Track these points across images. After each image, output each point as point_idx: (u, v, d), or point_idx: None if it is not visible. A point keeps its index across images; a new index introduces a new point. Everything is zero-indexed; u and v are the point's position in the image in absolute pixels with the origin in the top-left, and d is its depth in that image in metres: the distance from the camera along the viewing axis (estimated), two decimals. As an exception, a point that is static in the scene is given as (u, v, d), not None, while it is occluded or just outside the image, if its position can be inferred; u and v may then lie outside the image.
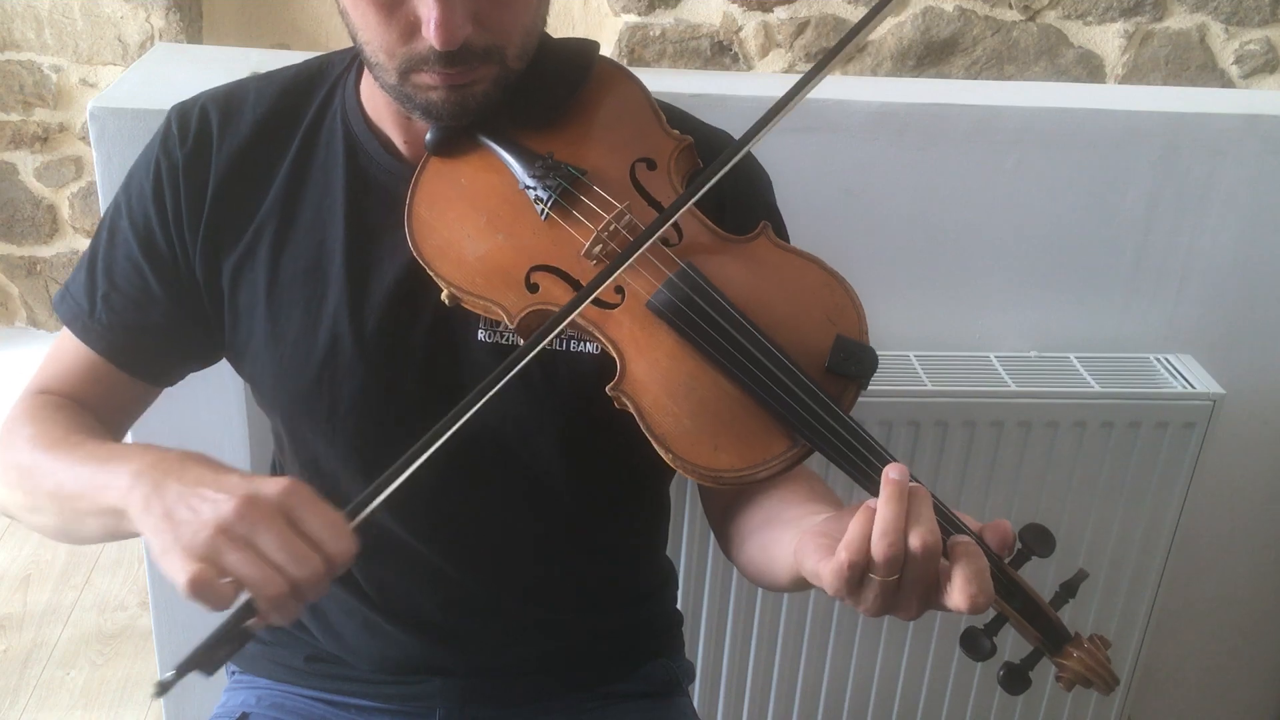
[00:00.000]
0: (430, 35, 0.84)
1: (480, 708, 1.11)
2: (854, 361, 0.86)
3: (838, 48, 0.86)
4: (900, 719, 1.74)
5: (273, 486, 0.78)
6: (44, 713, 2.08)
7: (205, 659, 0.78)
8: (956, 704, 1.73)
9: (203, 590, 0.75)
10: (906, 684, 1.70)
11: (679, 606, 1.27)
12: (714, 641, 1.63)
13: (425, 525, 1.03)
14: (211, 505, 0.77)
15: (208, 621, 1.62)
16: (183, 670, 0.77)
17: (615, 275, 0.86)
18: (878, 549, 0.75)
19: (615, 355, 0.88)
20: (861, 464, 0.83)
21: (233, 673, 1.20)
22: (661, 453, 0.85)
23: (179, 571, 0.76)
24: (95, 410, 1.06)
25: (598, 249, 0.90)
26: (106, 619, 2.31)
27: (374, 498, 0.81)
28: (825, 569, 0.78)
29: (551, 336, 0.85)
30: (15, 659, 2.20)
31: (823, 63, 0.86)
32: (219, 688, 1.20)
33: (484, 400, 0.83)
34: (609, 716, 1.14)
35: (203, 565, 0.75)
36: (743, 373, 0.85)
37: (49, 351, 1.09)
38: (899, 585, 0.77)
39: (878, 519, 0.76)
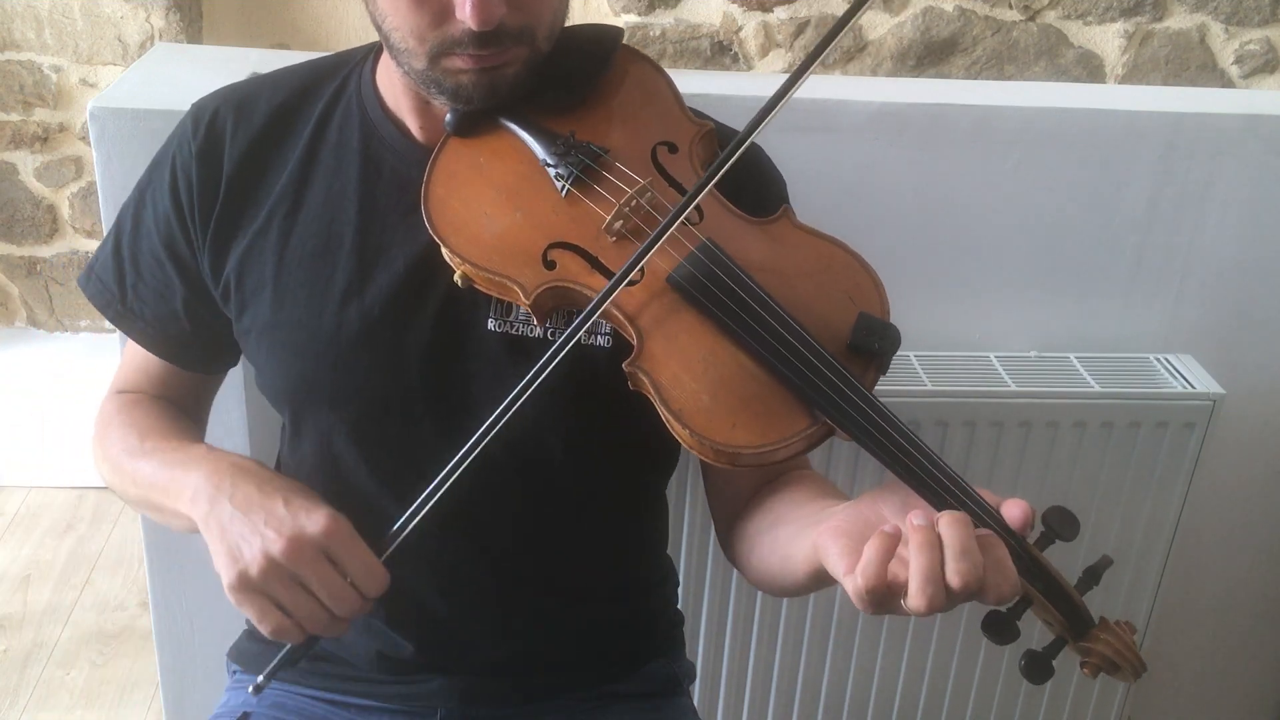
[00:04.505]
0: (466, 16, 0.84)
1: (480, 707, 1.11)
2: (876, 338, 0.85)
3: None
4: (901, 718, 1.74)
5: (316, 525, 0.86)
6: (44, 713, 2.08)
7: (287, 663, 0.92)
8: (957, 703, 1.73)
9: (275, 631, 0.87)
10: (907, 683, 1.70)
11: (679, 606, 1.27)
12: (714, 641, 1.63)
13: (427, 512, 1.03)
14: (262, 540, 0.86)
15: (207, 622, 1.62)
16: (270, 675, 0.91)
17: (646, 257, 0.85)
18: (918, 600, 0.74)
19: (632, 332, 0.87)
20: (885, 440, 0.82)
21: (234, 672, 1.20)
22: (678, 430, 0.84)
23: (240, 602, 0.87)
24: (173, 400, 1.14)
25: (619, 225, 0.90)
26: (106, 619, 2.31)
27: (407, 525, 0.89)
28: (849, 585, 0.78)
29: (584, 326, 0.85)
30: (15, 659, 2.20)
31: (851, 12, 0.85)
32: (220, 687, 1.20)
33: (516, 404, 0.87)
34: (609, 716, 1.14)
35: (265, 603, 0.86)
36: (764, 348, 0.84)
37: (124, 353, 1.16)
38: None
39: (914, 568, 0.74)
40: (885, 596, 0.77)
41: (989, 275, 1.60)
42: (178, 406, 1.14)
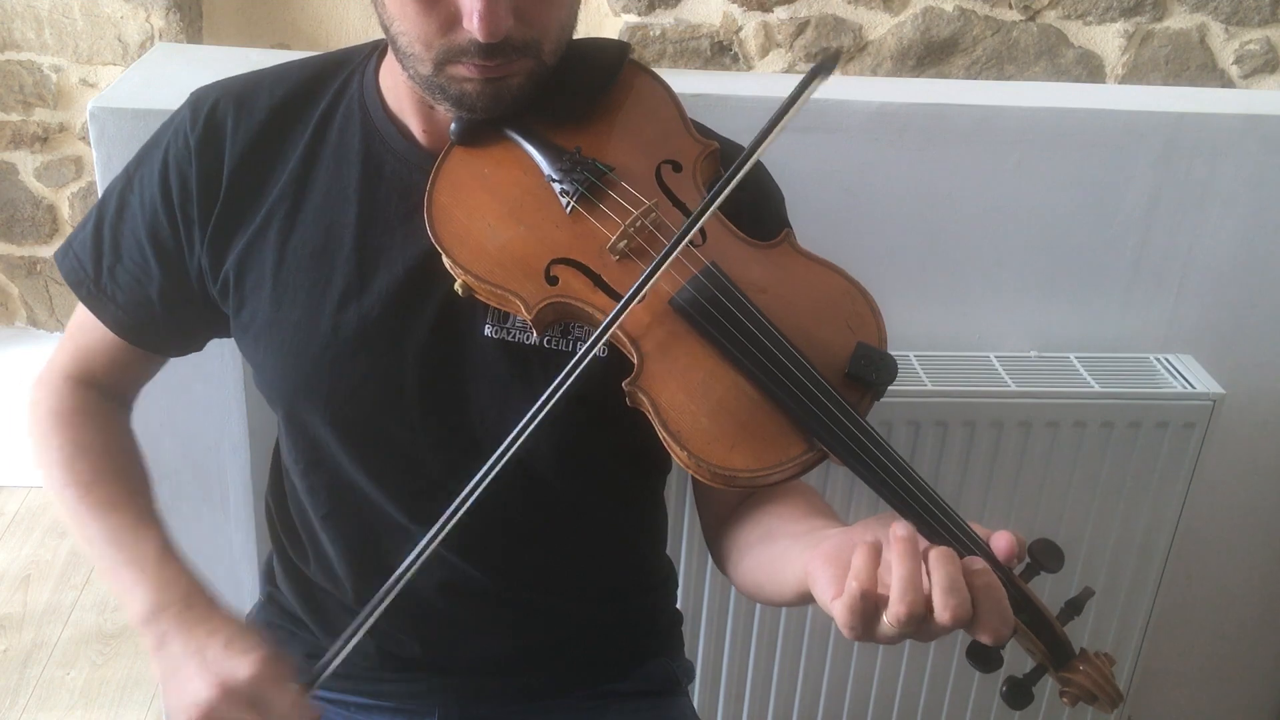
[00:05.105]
0: (473, 27, 0.84)
1: (480, 706, 1.11)
2: (874, 368, 0.86)
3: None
4: (900, 719, 1.74)
5: (245, 670, 0.91)
6: (44, 713, 2.08)
7: None
8: (956, 703, 1.73)
9: None
10: (906, 684, 1.70)
11: (679, 606, 1.27)
12: (714, 641, 1.63)
13: (424, 512, 1.03)
14: (195, 687, 0.91)
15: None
16: None
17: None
18: (898, 610, 0.74)
19: (633, 351, 0.88)
20: (878, 468, 0.83)
21: (233, 672, 1.20)
22: (676, 451, 0.85)
23: None
24: (111, 385, 1.13)
25: (623, 244, 0.90)
26: (106, 619, 2.31)
27: (339, 654, 0.92)
28: (837, 607, 0.78)
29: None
30: (15, 659, 2.20)
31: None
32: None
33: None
34: (609, 716, 1.14)
35: None
36: (762, 373, 0.85)
37: (69, 326, 1.13)
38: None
39: (896, 578, 0.75)
40: (873, 609, 0.77)
41: (989, 275, 1.60)
42: (116, 395, 1.14)
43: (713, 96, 1.41)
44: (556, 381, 0.85)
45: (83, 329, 1.11)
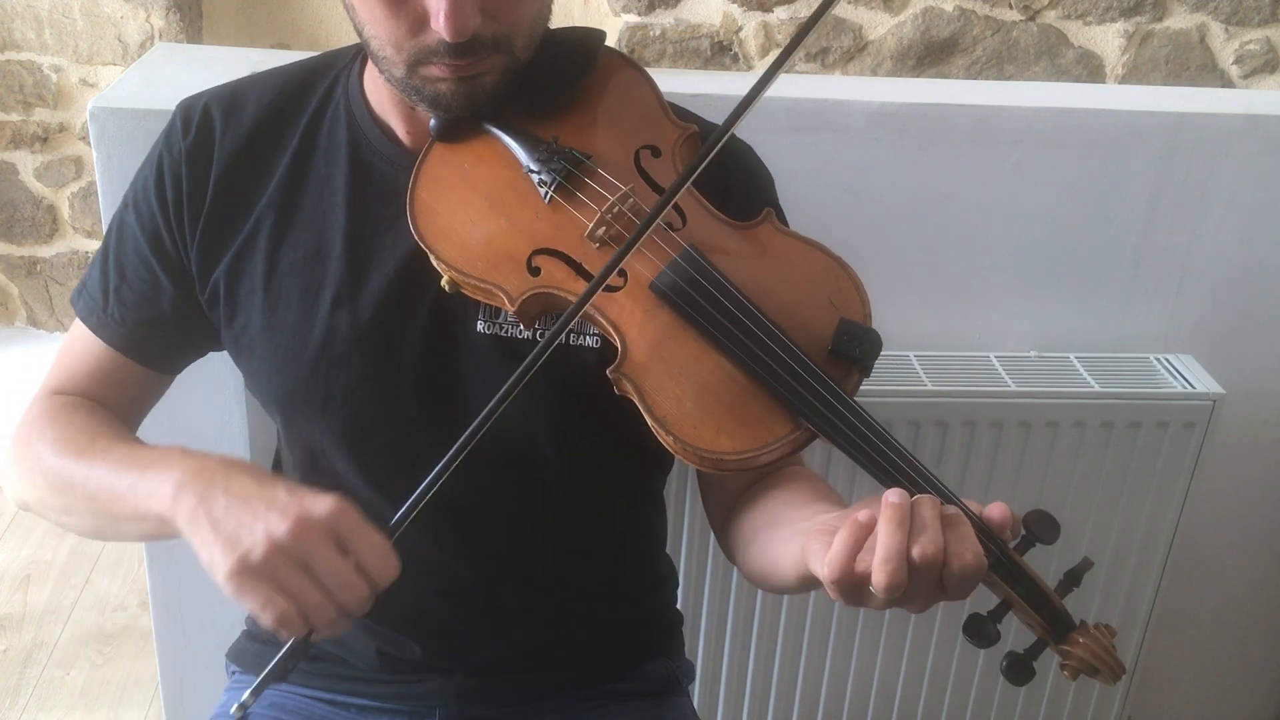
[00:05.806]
0: (440, 27, 0.84)
1: (480, 707, 1.11)
2: (858, 344, 0.86)
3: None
4: (900, 719, 1.74)
5: (322, 507, 0.81)
6: (44, 713, 2.08)
7: (278, 674, 0.83)
8: (956, 703, 1.73)
9: (280, 620, 0.80)
10: (907, 683, 1.70)
11: (679, 606, 1.27)
12: (714, 641, 1.63)
13: (422, 512, 1.03)
14: (264, 523, 0.80)
15: (207, 622, 1.61)
16: (259, 690, 0.83)
17: (624, 259, 0.86)
18: (879, 576, 0.74)
19: (616, 338, 0.88)
20: (866, 447, 0.83)
21: (233, 672, 1.20)
22: (662, 436, 0.85)
23: (241, 590, 0.80)
24: (110, 405, 1.08)
25: (601, 231, 0.91)
26: (106, 619, 2.31)
27: (409, 514, 0.84)
28: (825, 572, 0.78)
29: (567, 325, 0.85)
30: (15, 659, 2.20)
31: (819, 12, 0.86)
32: (220, 687, 1.20)
33: (507, 399, 0.84)
34: (609, 716, 1.14)
35: (270, 590, 0.79)
36: (745, 354, 0.85)
37: (60, 349, 1.10)
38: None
39: (879, 545, 0.75)
40: (853, 585, 0.77)
41: (989, 275, 1.60)
42: (118, 413, 1.09)
43: (713, 96, 1.41)
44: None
45: (76, 353, 1.09)
